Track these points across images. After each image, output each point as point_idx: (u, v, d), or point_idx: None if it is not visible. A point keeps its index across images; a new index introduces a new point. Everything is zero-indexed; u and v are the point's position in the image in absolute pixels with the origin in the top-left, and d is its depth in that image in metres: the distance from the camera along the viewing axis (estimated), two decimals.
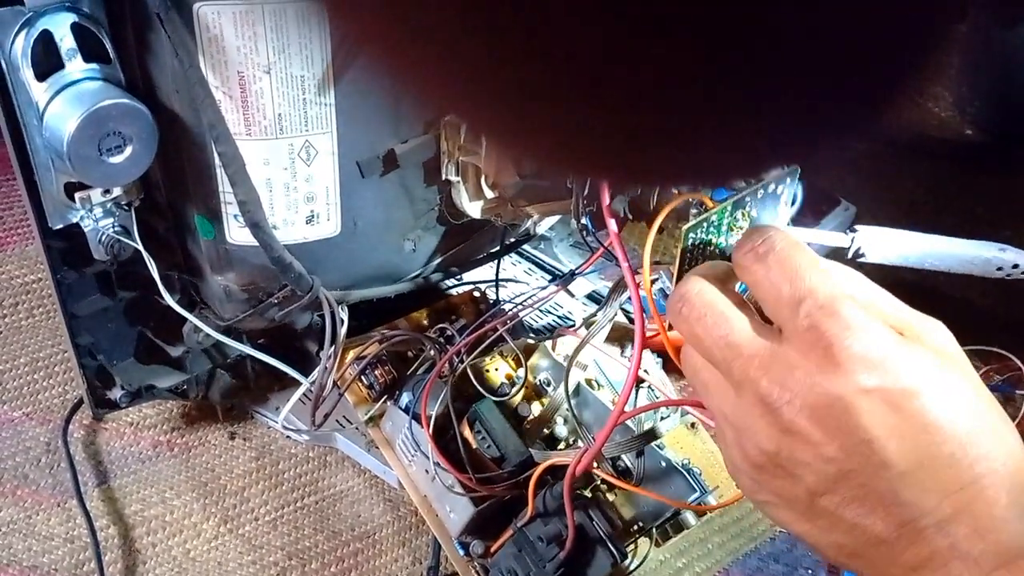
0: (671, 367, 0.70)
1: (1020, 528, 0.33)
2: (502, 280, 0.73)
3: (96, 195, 0.52)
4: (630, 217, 0.54)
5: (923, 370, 0.35)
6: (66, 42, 0.47)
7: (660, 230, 0.46)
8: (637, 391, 0.66)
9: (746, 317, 0.38)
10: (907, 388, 0.34)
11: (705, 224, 0.44)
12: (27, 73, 0.47)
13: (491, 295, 0.72)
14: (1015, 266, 0.42)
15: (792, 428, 0.35)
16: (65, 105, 0.47)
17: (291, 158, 0.51)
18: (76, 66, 0.48)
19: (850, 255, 0.43)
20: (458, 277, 0.72)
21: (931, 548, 0.33)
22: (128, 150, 0.49)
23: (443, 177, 0.57)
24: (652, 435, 0.55)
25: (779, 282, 0.37)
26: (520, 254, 0.86)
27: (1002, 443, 0.35)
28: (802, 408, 0.35)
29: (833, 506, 0.35)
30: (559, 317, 0.80)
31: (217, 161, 0.50)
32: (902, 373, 0.34)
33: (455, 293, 0.72)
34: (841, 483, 0.34)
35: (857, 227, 0.43)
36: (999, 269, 0.41)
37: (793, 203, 0.48)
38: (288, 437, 0.67)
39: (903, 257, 0.43)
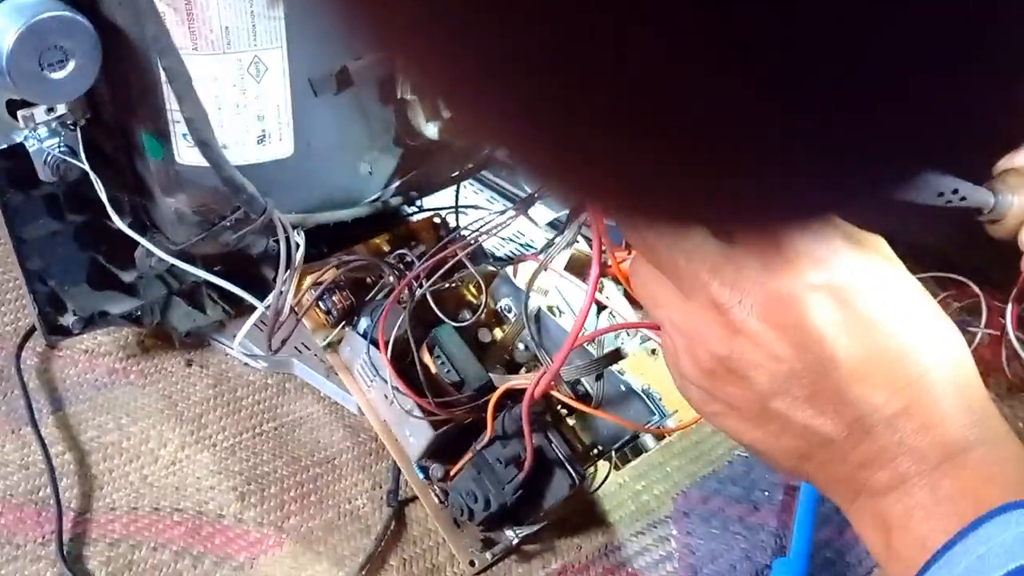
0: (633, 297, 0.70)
1: (964, 422, 0.34)
2: (463, 207, 0.73)
3: (40, 113, 0.51)
4: None
5: (870, 268, 0.35)
6: None
7: None
8: (598, 316, 0.66)
9: None
10: (854, 285, 0.34)
11: None
12: None
13: (452, 222, 0.71)
14: (955, 191, 0.42)
15: (743, 329, 0.35)
16: (2, 18, 0.45)
17: (240, 74, 0.50)
18: None
19: None
20: (418, 203, 0.71)
21: (879, 444, 0.34)
22: (71, 65, 0.47)
23: (399, 96, 0.56)
24: (612, 358, 0.55)
25: None
26: (482, 182, 0.85)
27: (946, 340, 0.35)
28: (753, 307, 0.34)
29: (784, 407, 0.35)
30: (521, 245, 0.80)
31: (163, 77, 0.48)
32: (850, 270, 0.34)
33: (415, 220, 0.71)
34: (792, 383, 0.34)
35: None
36: (940, 195, 0.41)
37: None
38: (246, 364, 0.67)
39: None
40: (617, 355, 0.56)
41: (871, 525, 0.35)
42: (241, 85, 0.50)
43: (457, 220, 0.71)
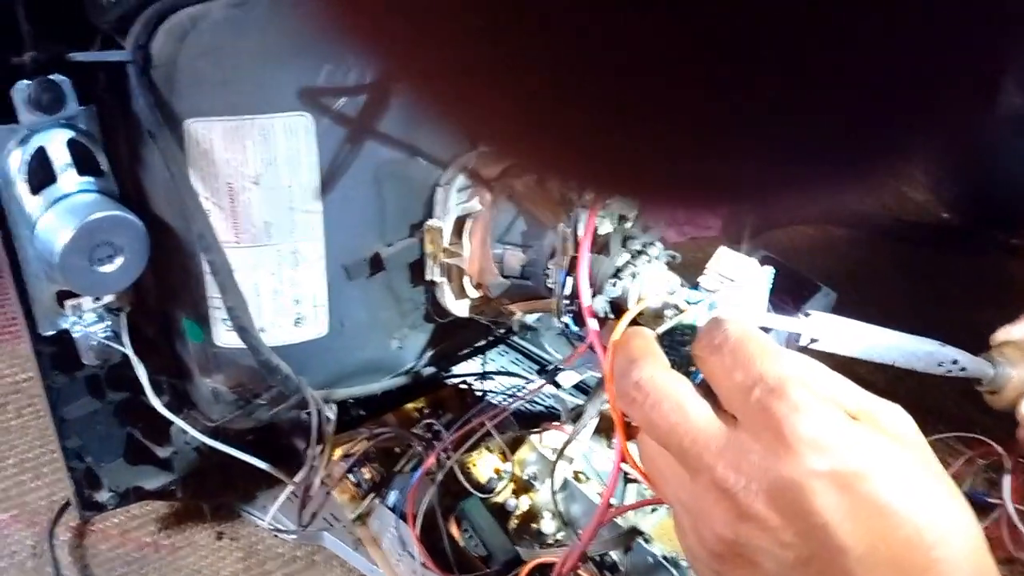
0: None
1: None
2: (489, 372, 0.74)
3: (87, 302, 0.53)
4: (611, 316, 0.55)
5: (875, 452, 0.35)
6: (60, 157, 0.48)
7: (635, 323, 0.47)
8: (625, 486, 0.66)
9: (702, 402, 0.38)
10: (859, 470, 0.34)
11: (679, 326, 0.45)
12: (21, 187, 0.48)
13: (478, 387, 0.72)
14: (954, 362, 0.43)
15: (749, 514, 0.35)
16: (58, 218, 0.48)
17: (279, 263, 0.52)
18: (70, 179, 0.49)
19: (805, 341, 0.43)
20: (446, 370, 0.73)
21: None
22: (119, 260, 0.50)
23: (428, 278, 0.58)
24: (635, 532, 0.56)
25: (732, 370, 0.37)
26: (508, 344, 0.87)
27: (958, 526, 0.35)
28: (758, 493, 0.35)
29: None
30: (546, 407, 0.81)
31: (206, 268, 0.51)
32: (853, 455, 0.34)
33: (444, 385, 0.73)
34: (800, 569, 0.34)
35: (809, 311, 0.43)
36: (940, 365, 0.42)
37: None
38: (276, 536, 0.67)
39: (851, 347, 0.43)
40: (639, 530, 0.56)
41: None
42: (280, 274, 0.53)
43: (484, 388, 0.72)
